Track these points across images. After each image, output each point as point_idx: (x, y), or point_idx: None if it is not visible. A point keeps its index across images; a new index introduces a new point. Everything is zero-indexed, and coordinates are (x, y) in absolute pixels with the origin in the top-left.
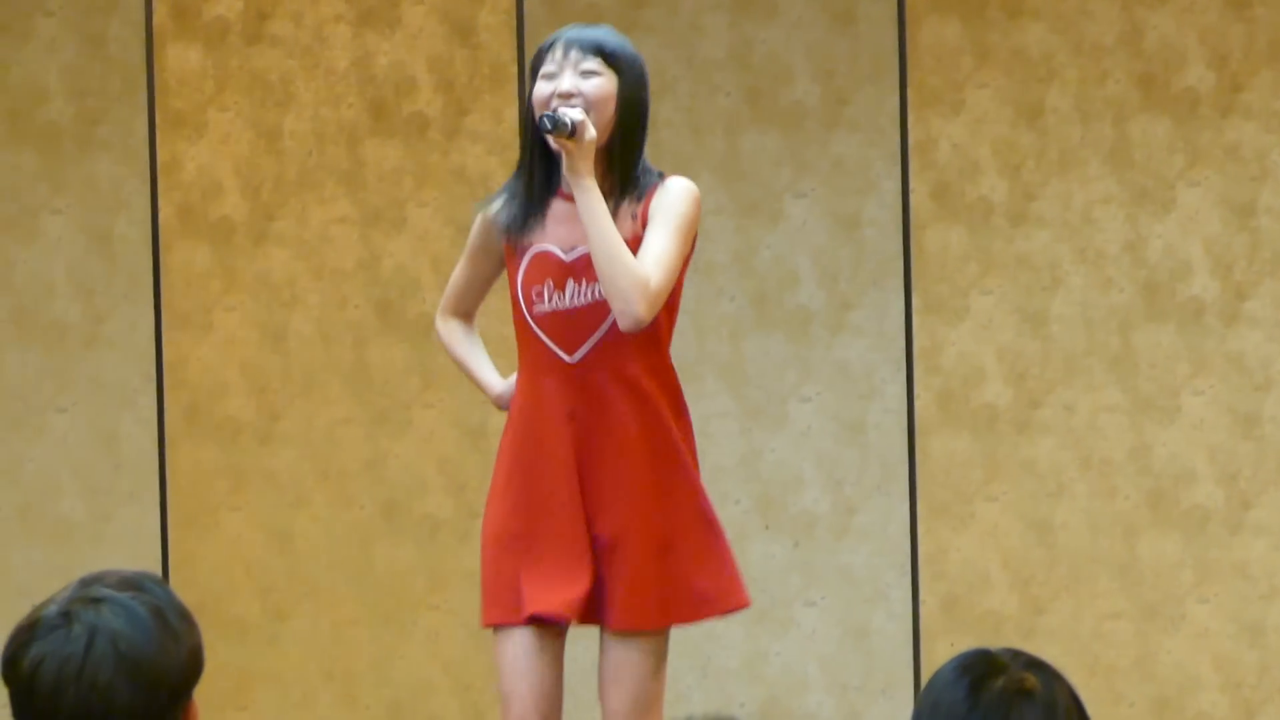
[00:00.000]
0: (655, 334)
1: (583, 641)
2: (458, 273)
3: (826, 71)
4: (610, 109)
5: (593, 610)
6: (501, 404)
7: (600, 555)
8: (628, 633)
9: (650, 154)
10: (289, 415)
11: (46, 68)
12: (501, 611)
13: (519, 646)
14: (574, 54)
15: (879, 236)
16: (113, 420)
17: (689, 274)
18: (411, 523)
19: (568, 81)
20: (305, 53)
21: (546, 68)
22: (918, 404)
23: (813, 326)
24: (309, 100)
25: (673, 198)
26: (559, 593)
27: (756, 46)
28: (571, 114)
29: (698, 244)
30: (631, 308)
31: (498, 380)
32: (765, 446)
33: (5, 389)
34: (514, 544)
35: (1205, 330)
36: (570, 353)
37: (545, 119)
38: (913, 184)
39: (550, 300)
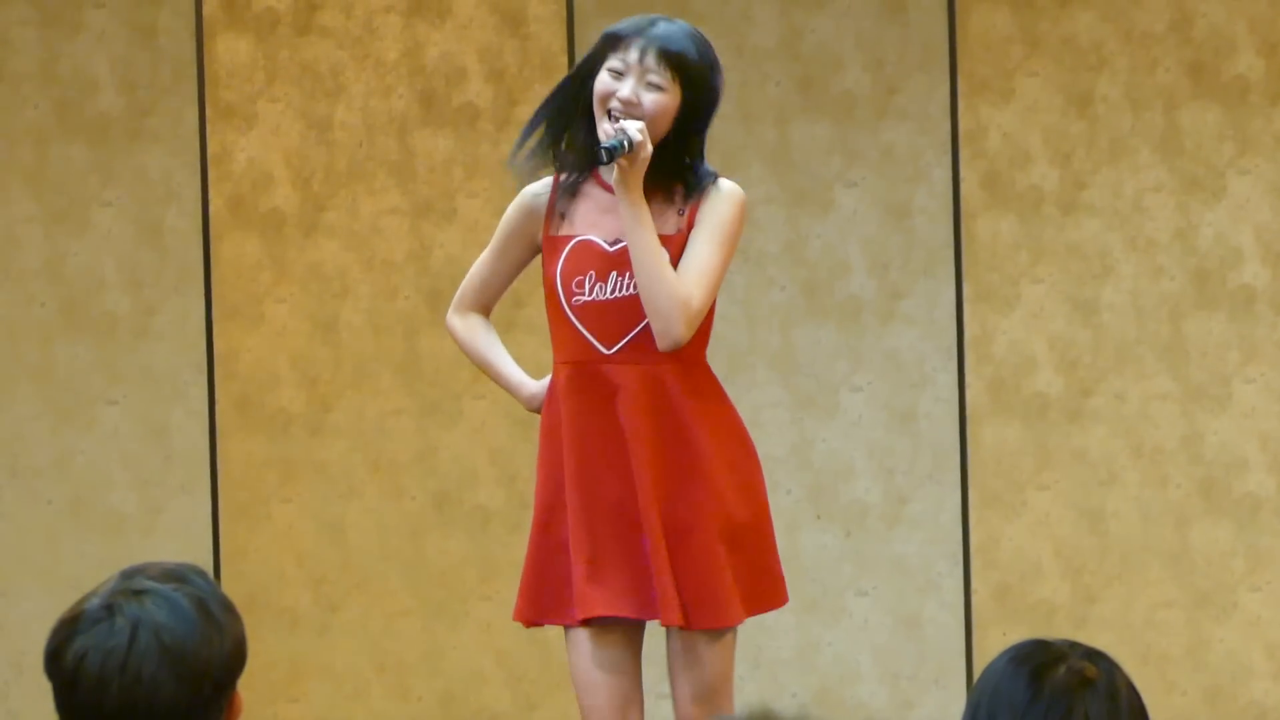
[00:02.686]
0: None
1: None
2: (484, 263)
3: (877, 60)
4: (667, 124)
5: (652, 604)
6: (534, 405)
7: (653, 549)
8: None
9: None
10: (340, 407)
11: (97, 59)
12: (552, 611)
13: (591, 653)
14: (649, 60)
15: (929, 225)
16: (164, 412)
17: (739, 264)
18: (463, 514)
19: (628, 89)
20: (355, 44)
21: (614, 63)
22: (969, 393)
23: (863, 316)
24: (359, 91)
25: (722, 207)
26: (625, 591)
27: (806, 35)
28: (630, 132)
29: (747, 233)
30: (672, 329)
31: (529, 380)
32: (816, 436)
33: (56, 381)
34: (566, 541)
35: (1256, 318)
36: (608, 345)
37: (603, 151)
38: (963, 173)
39: (591, 291)
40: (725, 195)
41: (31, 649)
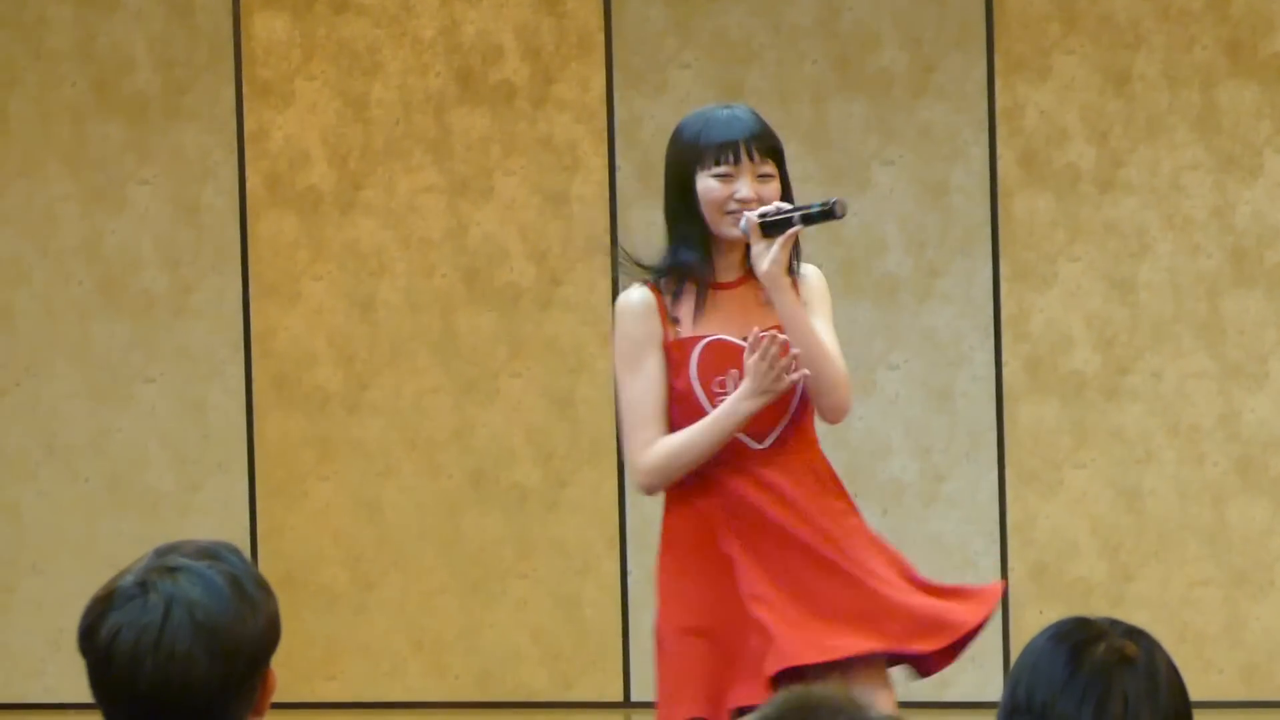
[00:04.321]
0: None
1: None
2: (646, 386)
3: (914, 39)
4: None
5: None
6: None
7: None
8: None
9: None
10: (377, 385)
11: (134, 38)
12: (696, 703)
13: None
14: (754, 157)
15: (967, 204)
16: (201, 390)
17: None
18: (499, 492)
19: (748, 189)
20: (392, 22)
21: (722, 169)
22: (1006, 371)
23: (900, 294)
24: (396, 69)
25: (822, 291)
26: (758, 677)
27: (844, 14)
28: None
29: None
30: (845, 400)
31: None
32: (853, 414)
33: (94, 359)
34: (715, 635)
35: None
36: (760, 440)
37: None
38: (1000, 151)
39: (736, 389)
40: (818, 280)
41: (68, 626)
